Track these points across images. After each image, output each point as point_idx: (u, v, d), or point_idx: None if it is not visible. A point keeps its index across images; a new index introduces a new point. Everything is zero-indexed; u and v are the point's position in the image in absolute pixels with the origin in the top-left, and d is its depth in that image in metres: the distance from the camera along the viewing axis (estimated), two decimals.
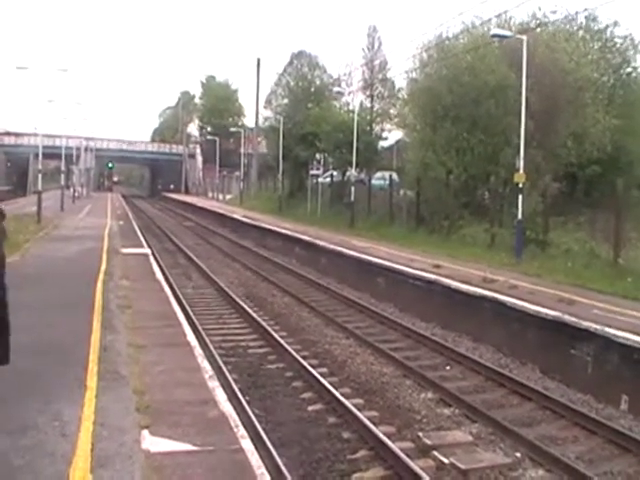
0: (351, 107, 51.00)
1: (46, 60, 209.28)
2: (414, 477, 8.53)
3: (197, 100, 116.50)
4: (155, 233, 44.52)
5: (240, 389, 11.57)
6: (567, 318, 13.84)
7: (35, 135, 63.53)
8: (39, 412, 7.35)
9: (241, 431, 7.26)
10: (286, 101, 60.13)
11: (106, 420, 7.21)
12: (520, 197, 23.82)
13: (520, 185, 23.93)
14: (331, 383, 12.30)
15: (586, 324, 13.30)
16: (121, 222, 40.05)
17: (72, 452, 6.37)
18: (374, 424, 10.25)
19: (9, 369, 6.56)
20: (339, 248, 26.69)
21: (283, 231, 34.81)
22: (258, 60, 70.93)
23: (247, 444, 6.91)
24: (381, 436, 9.69)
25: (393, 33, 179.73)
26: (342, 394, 11.65)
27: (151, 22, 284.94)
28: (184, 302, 18.45)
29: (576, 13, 33.72)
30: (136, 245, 27.27)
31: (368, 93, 50.64)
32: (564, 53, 29.25)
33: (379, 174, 47.23)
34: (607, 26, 34.42)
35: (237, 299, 20.21)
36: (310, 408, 11.42)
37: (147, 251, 25.54)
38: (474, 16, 34.57)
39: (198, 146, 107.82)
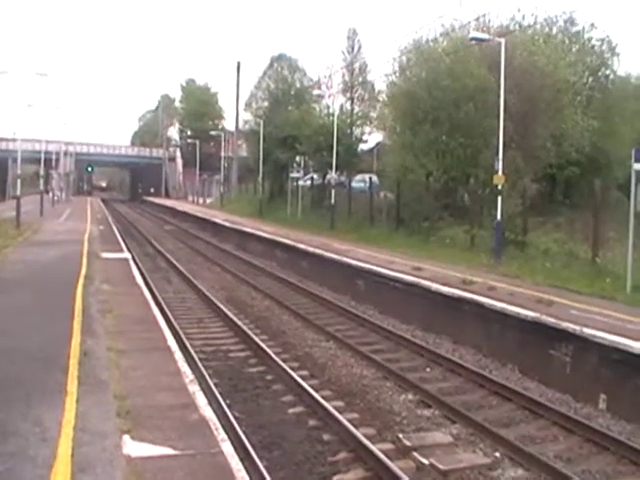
0: (331, 110, 51.03)
1: (25, 64, 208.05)
2: (394, 478, 8.58)
3: (177, 104, 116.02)
4: (135, 237, 44.43)
5: (221, 393, 11.57)
6: (546, 319, 13.94)
7: (14, 140, 63.14)
8: (20, 418, 7.36)
9: (222, 435, 7.30)
10: (266, 104, 60.17)
11: (87, 425, 7.22)
12: (499, 199, 23.97)
13: (499, 187, 24.07)
14: (311, 386, 12.32)
15: (564, 325, 13.40)
16: (101, 227, 39.90)
17: (53, 457, 6.39)
18: (354, 426, 10.29)
19: None
20: (319, 251, 26.72)
21: (264, 234, 34.78)
22: (238, 63, 70.81)
23: (227, 447, 6.96)
24: (361, 438, 9.74)
25: (373, 36, 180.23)
26: (322, 397, 11.68)
27: (130, 26, 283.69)
28: (164, 306, 18.42)
29: (555, 16, 34.05)
30: (116, 250, 27.19)
31: (348, 96, 50.66)
32: (543, 55, 29.44)
33: (359, 177, 47.42)
34: (584, 28, 34.75)
35: (218, 303, 20.19)
36: (291, 411, 11.44)
37: (127, 255, 25.48)
38: (453, 19, 34.73)
39: (178, 150, 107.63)
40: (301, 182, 49.71)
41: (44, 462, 6.28)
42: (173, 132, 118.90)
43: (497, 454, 9.89)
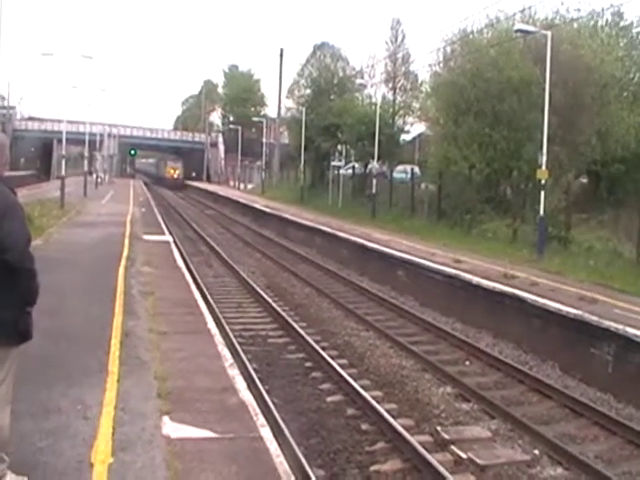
0: (373, 99, 50.92)
1: (71, 47, 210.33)
2: (432, 470, 8.53)
3: (220, 89, 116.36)
4: (177, 220, 44.73)
5: (260, 378, 11.58)
6: (588, 317, 13.77)
7: (59, 121, 63.76)
8: (62, 396, 7.41)
9: (260, 420, 7.28)
10: (309, 92, 60.05)
11: (127, 405, 7.26)
12: (542, 193, 23.71)
13: (542, 181, 23.81)
14: (350, 375, 12.29)
15: (607, 323, 13.22)
16: (143, 209, 40.19)
17: (94, 435, 6.42)
18: (393, 417, 10.25)
19: (32, 353, 6.60)
20: (360, 240, 26.66)
21: (304, 222, 34.81)
22: (281, 50, 70.73)
23: (266, 432, 6.94)
24: (400, 429, 9.69)
25: (417, 26, 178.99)
26: (361, 386, 11.65)
27: (176, 10, 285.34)
28: (205, 290, 18.48)
29: (602, 10, 33.48)
30: (158, 232, 27.36)
31: (391, 86, 50.45)
32: (589, 50, 29.04)
33: (401, 167, 47.23)
34: (633, 23, 34.13)
35: (257, 288, 20.24)
36: (329, 399, 11.42)
37: (169, 238, 25.63)
38: (498, 11, 34.57)
39: (220, 135, 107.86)
40: (342, 171, 49.67)
41: (85, 440, 6.31)
42: (215, 117, 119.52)
43: (536, 451, 9.77)
